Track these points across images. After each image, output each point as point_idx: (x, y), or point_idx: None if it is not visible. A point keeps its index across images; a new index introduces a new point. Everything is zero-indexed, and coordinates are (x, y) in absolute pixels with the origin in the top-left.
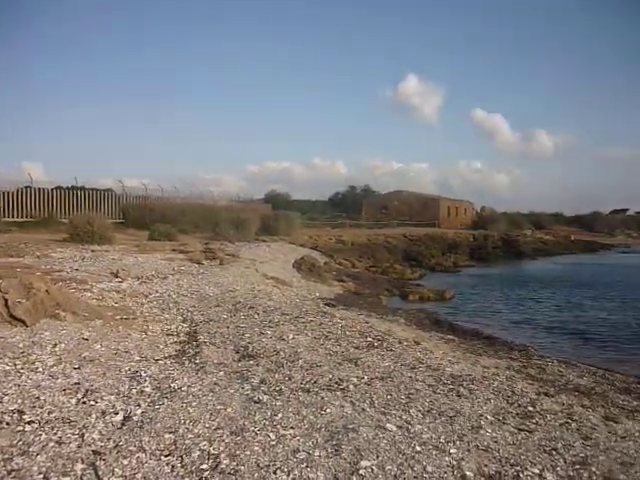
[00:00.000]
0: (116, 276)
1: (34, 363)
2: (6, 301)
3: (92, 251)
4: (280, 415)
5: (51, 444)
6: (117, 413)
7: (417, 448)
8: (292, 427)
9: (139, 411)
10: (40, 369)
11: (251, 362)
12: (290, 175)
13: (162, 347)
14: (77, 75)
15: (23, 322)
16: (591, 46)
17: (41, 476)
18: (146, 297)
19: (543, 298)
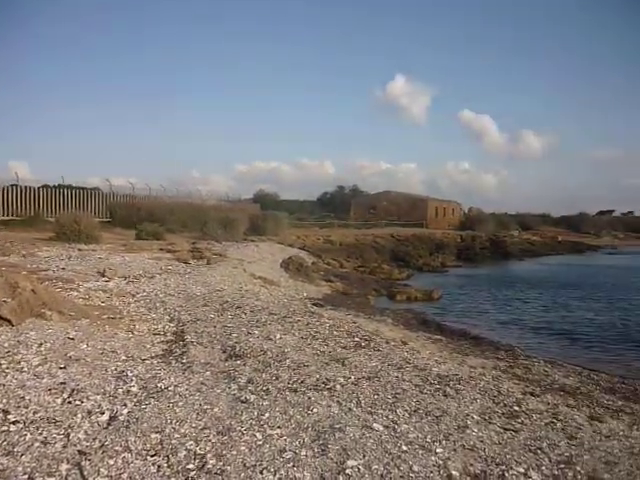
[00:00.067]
0: (103, 275)
1: (19, 363)
2: None
3: (79, 250)
4: (267, 415)
5: (36, 444)
6: (103, 413)
7: (403, 448)
8: (279, 427)
9: (125, 411)
10: (25, 369)
11: (238, 362)
12: (278, 175)
13: (149, 347)
14: (69, 75)
15: (8, 321)
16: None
17: (26, 476)
18: (133, 296)
19: (530, 298)
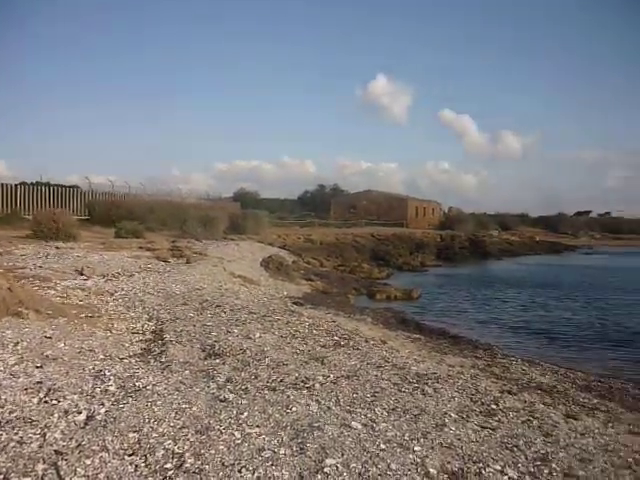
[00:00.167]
0: (81, 274)
1: None
2: None
3: (56, 248)
4: (246, 414)
5: (12, 444)
6: (80, 412)
7: (382, 446)
8: (258, 425)
9: (103, 410)
10: (1, 368)
11: (217, 361)
12: (259, 173)
13: (127, 345)
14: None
15: None
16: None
17: (1, 476)
18: (111, 295)
19: (509, 298)
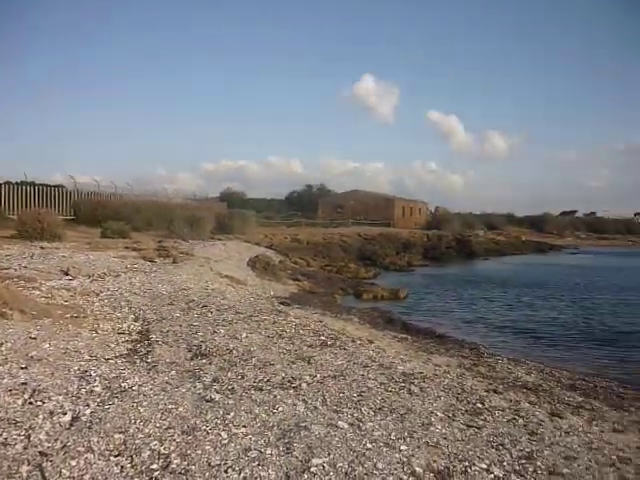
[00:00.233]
0: (66, 274)
1: None
2: None
3: (41, 248)
4: (232, 414)
5: None
6: (65, 413)
7: (368, 445)
8: (244, 426)
9: (88, 411)
10: None
11: (204, 361)
12: (246, 173)
13: (113, 346)
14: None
15: None
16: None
17: None
18: (97, 295)
19: (495, 297)
